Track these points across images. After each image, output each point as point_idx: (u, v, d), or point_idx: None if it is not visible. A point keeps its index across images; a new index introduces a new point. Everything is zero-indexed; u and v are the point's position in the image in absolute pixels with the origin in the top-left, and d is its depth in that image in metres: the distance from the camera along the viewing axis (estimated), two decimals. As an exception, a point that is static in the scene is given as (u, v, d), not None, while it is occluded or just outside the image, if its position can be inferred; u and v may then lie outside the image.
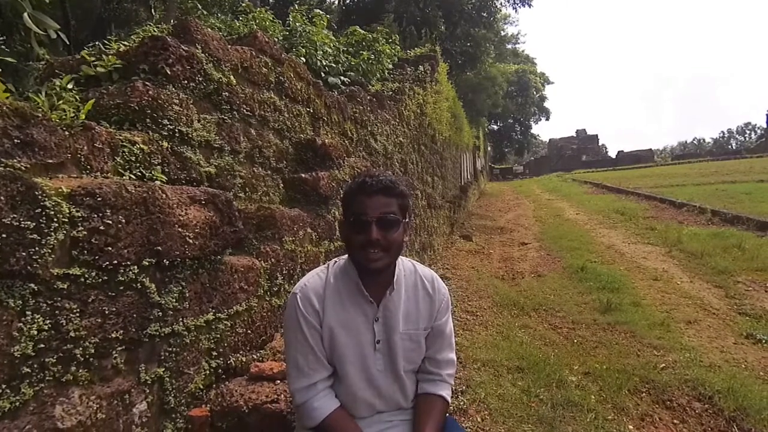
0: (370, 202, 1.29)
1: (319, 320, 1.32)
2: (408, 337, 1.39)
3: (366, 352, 1.35)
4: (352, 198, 1.33)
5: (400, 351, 1.38)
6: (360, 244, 1.28)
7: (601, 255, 7.15)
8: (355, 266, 1.35)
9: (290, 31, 6.60)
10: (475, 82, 20.64)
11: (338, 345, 1.33)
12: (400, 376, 1.40)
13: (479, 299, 5.21)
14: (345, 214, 1.37)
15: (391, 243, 1.30)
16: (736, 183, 13.88)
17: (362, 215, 1.28)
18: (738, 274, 5.63)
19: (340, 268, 1.40)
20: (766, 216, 8.18)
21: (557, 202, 14.92)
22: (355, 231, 1.30)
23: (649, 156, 41.93)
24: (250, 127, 2.93)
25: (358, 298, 1.36)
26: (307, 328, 1.31)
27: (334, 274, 1.38)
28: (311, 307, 1.32)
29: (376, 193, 1.30)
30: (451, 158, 13.49)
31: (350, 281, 1.36)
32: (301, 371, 1.31)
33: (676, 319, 4.43)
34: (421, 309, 1.42)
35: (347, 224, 1.33)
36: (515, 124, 39.02)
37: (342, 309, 1.35)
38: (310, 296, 1.34)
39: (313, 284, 1.36)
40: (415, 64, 10.13)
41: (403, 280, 1.42)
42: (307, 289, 1.35)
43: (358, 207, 1.30)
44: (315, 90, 4.06)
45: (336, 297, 1.35)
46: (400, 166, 6.76)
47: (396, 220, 1.31)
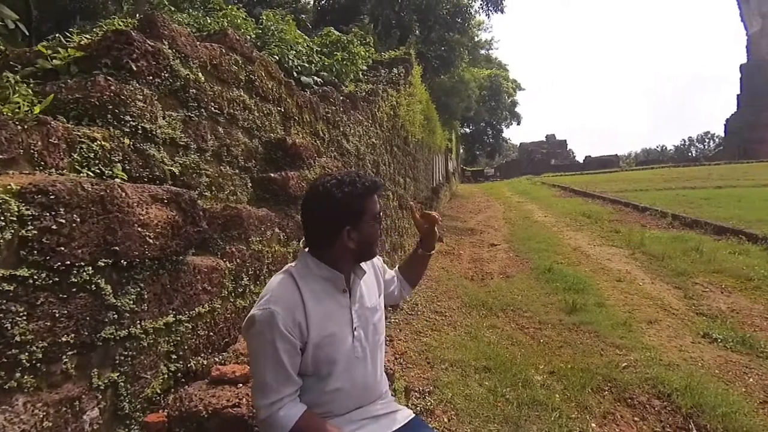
0: (377, 197, 1.42)
1: (303, 334, 1.28)
2: (374, 309, 1.48)
3: (347, 344, 1.36)
4: (366, 199, 1.37)
5: (371, 327, 1.44)
6: (377, 238, 1.42)
7: (567, 256, 7.30)
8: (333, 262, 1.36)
9: (263, 29, 6.52)
10: (448, 86, 20.80)
11: (326, 351, 1.31)
12: (374, 357, 1.44)
13: (448, 300, 5.25)
14: (361, 216, 1.36)
15: None
16: (695, 189, 14.41)
17: (380, 212, 1.42)
18: (696, 276, 5.84)
19: (304, 271, 1.37)
20: (723, 221, 8.51)
21: (526, 205, 15.18)
22: (375, 227, 1.40)
23: (615, 161, 43.20)
24: (218, 125, 2.87)
25: (332, 292, 1.37)
26: (282, 345, 1.24)
27: (300, 279, 1.34)
28: (293, 322, 1.26)
29: (378, 190, 1.42)
30: (423, 160, 13.57)
31: (320, 279, 1.36)
32: (269, 387, 1.26)
33: (638, 319, 4.56)
34: (374, 280, 1.56)
35: (373, 224, 1.39)
36: (487, 127, 39.52)
37: (323, 311, 1.32)
38: (291, 309, 1.27)
39: (288, 295, 1.30)
40: (390, 67, 10.17)
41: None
42: (285, 302, 1.27)
43: (376, 206, 1.40)
44: (287, 89, 4.02)
45: (314, 301, 1.32)
46: (372, 167, 6.76)
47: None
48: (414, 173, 11.49)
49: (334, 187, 1.35)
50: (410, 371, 3.40)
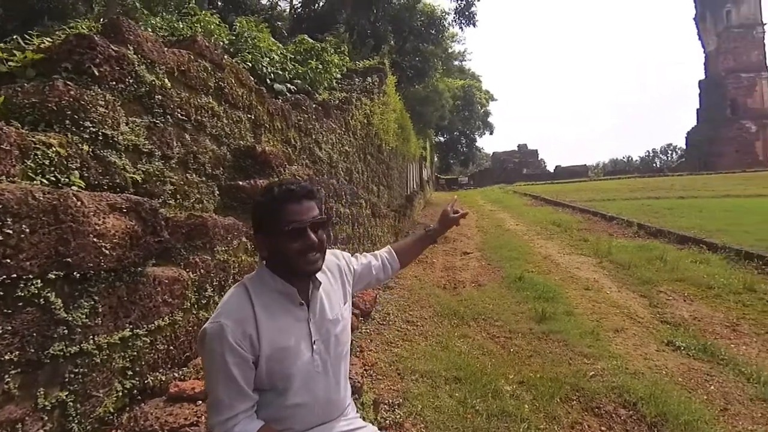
0: (301, 208, 1.30)
1: (254, 347, 1.24)
2: (335, 321, 1.42)
3: (305, 358, 1.32)
4: (281, 206, 1.30)
5: (332, 339, 1.39)
6: (298, 250, 1.28)
7: (538, 265, 7.40)
8: (283, 275, 1.32)
9: (237, 36, 6.46)
10: (423, 95, 21.00)
11: (281, 365, 1.27)
12: (337, 371, 1.41)
13: (420, 309, 5.24)
14: (273, 225, 1.30)
15: (323, 242, 1.34)
16: (659, 199, 14.85)
17: (298, 222, 1.28)
18: (660, 284, 5.99)
19: (259, 283, 1.33)
20: (685, 230, 8.79)
21: (499, 213, 15.36)
22: (292, 239, 1.28)
23: (584, 171, 44.29)
24: (185, 132, 2.81)
25: (288, 306, 1.33)
26: (233, 358, 1.20)
27: (254, 292, 1.31)
28: (243, 335, 1.22)
29: (302, 199, 1.31)
30: (397, 168, 13.62)
31: (275, 292, 1.32)
32: (222, 404, 1.22)
33: (605, 327, 4.64)
34: (336, 289, 1.49)
35: (279, 234, 1.28)
36: (461, 136, 39.99)
37: (277, 325, 1.29)
38: (241, 322, 1.23)
39: (239, 308, 1.26)
40: (364, 76, 10.20)
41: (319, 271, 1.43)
42: (235, 315, 1.24)
43: (291, 215, 1.28)
44: (258, 97, 3.98)
45: (267, 314, 1.28)
46: (345, 175, 6.74)
47: (324, 220, 1.35)
48: (388, 181, 11.52)
49: (262, 193, 1.34)
50: (380, 383, 3.37)
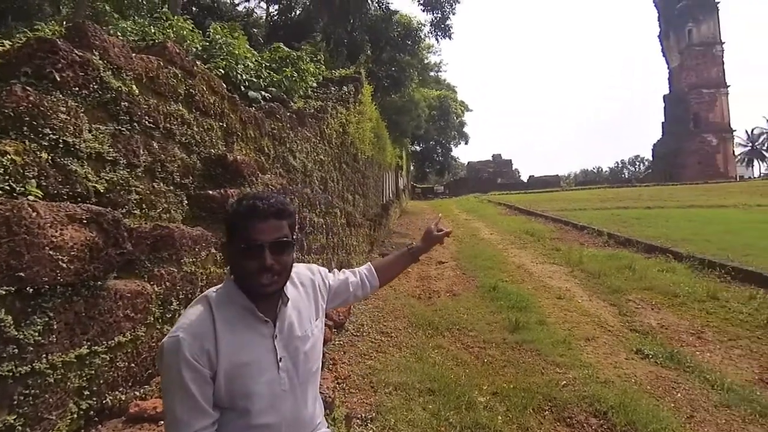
0: (263, 226, 1.24)
1: (212, 362, 1.19)
2: (305, 338, 1.37)
3: (270, 376, 1.27)
4: (242, 222, 1.25)
5: (301, 356, 1.34)
6: (252, 270, 1.22)
7: (511, 274, 7.48)
8: (245, 290, 1.27)
9: (210, 42, 6.37)
10: (399, 105, 21.12)
11: (241, 382, 1.22)
12: (305, 389, 1.36)
13: (395, 319, 5.22)
14: (233, 239, 1.26)
15: (285, 266, 1.27)
16: (628, 209, 15.26)
17: (254, 241, 1.22)
18: (629, 292, 6.13)
19: (223, 297, 1.28)
20: (652, 239, 9.04)
21: (474, 222, 15.50)
22: (246, 257, 1.23)
23: (556, 181, 45.29)
24: (153, 139, 2.73)
25: (252, 322, 1.27)
26: (189, 373, 1.15)
27: (217, 306, 1.25)
28: (200, 349, 1.17)
29: (269, 217, 1.25)
30: (373, 177, 13.62)
31: (239, 307, 1.26)
32: (180, 422, 1.16)
33: (577, 336, 4.70)
34: (307, 304, 1.43)
35: (237, 251, 1.24)
36: (437, 146, 40.32)
37: (238, 341, 1.23)
38: (199, 336, 1.18)
39: (199, 322, 1.21)
40: (340, 84, 10.19)
41: (290, 286, 1.38)
42: (193, 329, 1.19)
43: (250, 233, 1.23)
44: (230, 104, 3.91)
45: (228, 329, 1.23)
46: (319, 184, 6.68)
47: (289, 242, 1.29)
48: (364, 190, 11.49)
49: (233, 203, 1.30)
50: (353, 396, 3.32)
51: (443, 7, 17.75)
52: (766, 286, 5.81)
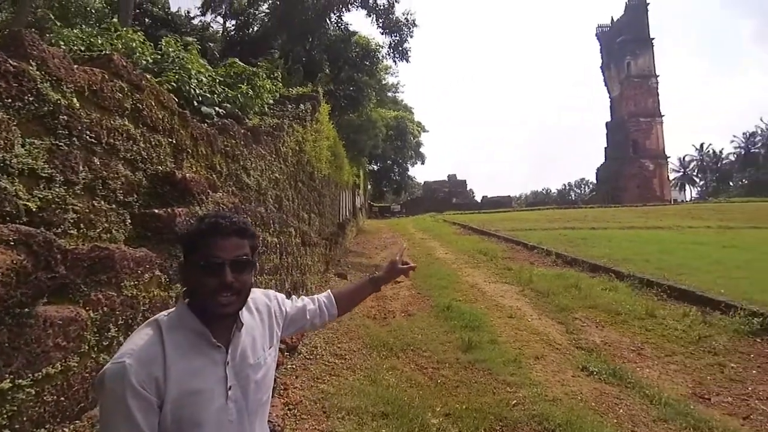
0: (224, 243, 1.21)
1: (159, 390, 1.11)
2: (257, 366, 1.32)
3: (219, 404, 1.20)
4: (201, 240, 1.21)
5: (252, 385, 1.29)
6: (212, 288, 1.18)
7: (465, 293, 7.58)
8: (200, 313, 1.21)
9: (162, 55, 6.20)
10: (357, 124, 21.26)
11: (190, 411, 1.15)
12: (253, 419, 1.30)
13: (349, 341, 5.15)
14: (191, 257, 1.22)
15: (244, 285, 1.24)
16: (575, 229, 15.88)
17: (215, 258, 1.19)
18: (576, 311, 6.34)
19: (174, 321, 1.22)
20: (596, 259, 9.45)
21: (429, 242, 15.67)
22: (206, 275, 1.19)
23: (508, 202, 46.74)
24: (94, 155, 2.60)
25: (204, 348, 1.21)
26: (136, 402, 1.07)
27: (168, 330, 1.19)
28: (148, 377, 1.09)
29: (230, 235, 1.22)
30: (330, 195, 13.55)
31: (190, 331, 1.20)
32: None
33: (527, 355, 4.80)
34: (261, 331, 1.39)
35: (196, 268, 1.20)
36: (394, 165, 40.78)
37: (188, 367, 1.16)
38: (147, 362, 1.11)
39: (147, 347, 1.14)
40: (297, 102, 10.15)
41: (245, 312, 1.34)
42: (140, 354, 1.11)
43: (211, 249, 1.20)
44: (180, 120, 3.79)
45: (178, 354, 1.16)
46: (274, 203, 6.57)
47: (249, 261, 1.26)
48: (320, 209, 11.40)
49: (193, 222, 1.26)
50: (304, 423, 3.23)
51: (401, 31, 18.12)
52: (698, 304, 6.17)
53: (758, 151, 65.47)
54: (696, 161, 73.51)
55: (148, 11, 13.97)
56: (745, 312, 5.45)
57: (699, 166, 73.48)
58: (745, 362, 4.54)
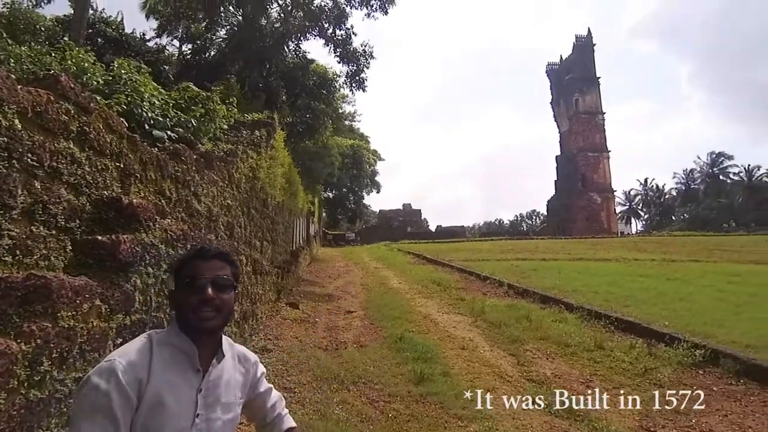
0: (207, 264, 1.35)
1: (140, 392, 1.18)
2: (228, 407, 1.38)
3: (183, 425, 1.24)
4: (187, 263, 1.36)
5: (219, 423, 1.33)
6: (194, 304, 1.29)
7: (418, 324, 7.59)
8: (187, 331, 1.31)
9: (114, 77, 6.05)
10: (313, 151, 21.31)
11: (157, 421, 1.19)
12: None
13: (299, 373, 5.03)
14: (177, 280, 1.36)
15: (224, 303, 1.34)
16: (526, 260, 16.33)
17: (197, 277, 1.32)
18: (527, 342, 6.45)
19: (165, 338, 1.31)
20: (547, 290, 9.71)
21: (383, 271, 15.68)
22: (189, 292, 1.31)
23: (462, 232, 47.68)
24: (35, 179, 2.49)
25: (185, 367, 1.29)
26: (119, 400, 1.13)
27: (158, 343, 1.28)
28: (134, 378, 1.17)
29: (212, 258, 1.37)
30: (283, 223, 13.39)
31: (178, 349, 1.30)
32: None
33: (479, 387, 4.82)
34: (239, 378, 1.46)
35: (181, 287, 1.33)
36: (349, 193, 40.97)
37: (167, 380, 1.23)
38: (135, 365, 1.19)
39: (137, 352, 1.23)
40: (252, 128, 10.08)
41: (229, 350, 1.45)
42: (130, 357, 1.20)
43: (194, 270, 1.33)
44: (129, 144, 3.70)
45: (162, 367, 1.24)
46: (225, 230, 6.44)
47: (230, 282, 1.38)
48: (273, 236, 11.23)
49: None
50: (248, 462, 3.11)
51: (359, 61, 18.50)
52: (644, 336, 6.36)
53: (698, 187, 70.01)
54: (641, 195, 77.81)
55: (101, 31, 13.62)
56: (687, 344, 5.63)
57: (644, 200, 77.67)
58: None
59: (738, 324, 6.55)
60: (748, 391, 4.68)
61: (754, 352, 5.26)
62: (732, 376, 4.99)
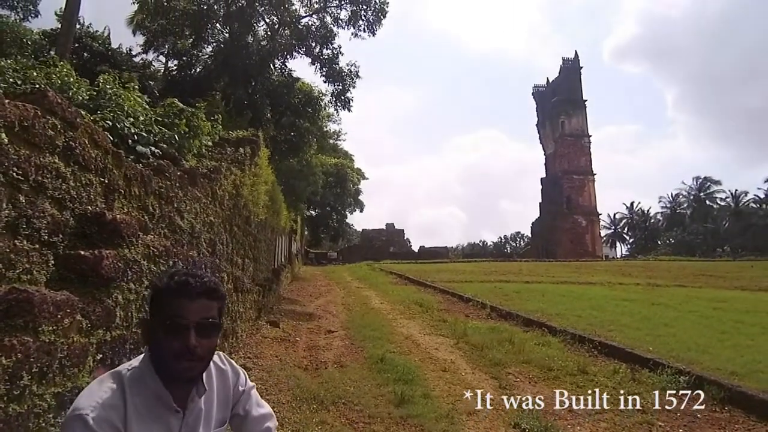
0: (192, 305, 1.18)
1: None
2: None
3: None
4: (169, 299, 1.19)
5: None
6: (175, 352, 1.16)
7: (399, 345, 7.58)
8: (160, 374, 1.19)
9: (99, 92, 6.07)
10: (296, 170, 21.34)
11: None
12: None
13: (278, 393, 4.99)
14: (156, 314, 1.21)
15: (209, 350, 1.22)
16: (509, 282, 16.45)
17: (180, 318, 1.17)
18: (509, 365, 6.43)
19: (136, 379, 1.19)
20: (530, 313, 9.76)
21: (365, 290, 15.64)
22: (170, 336, 1.16)
23: (445, 252, 47.75)
24: (20, 193, 2.49)
25: (163, 412, 1.19)
26: None
27: (130, 387, 1.16)
28: (111, 429, 1.07)
29: (198, 296, 1.20)
30: (265, 240, 13.33)
31: (149, 392, 1.18)
32: None
33: (460, 410, 4.79)
34: (219, 399, 1.36)
35: (160, 327, 1.18)
36: (332, 212, 40.94)
37: (145, 427, 1.14)
38: (108, 415, 1.08)
39: (108, 399, 1.11)
40: (237, 146, 10.11)
41: (205, 375, 1.30)
42: (102, 406, 1.09)
43: (176, 309, 1.17)
44: (114, 159, 3.71)
45: (137, 418, 1.13)
46: (207, 246, 6.41)
47: (216, 324, 1.24)
48: (255, 254, 11.16)
49: (162, 277, 1.24)
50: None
51: (344, 81, 18.71)
52: (627, 361, 6.33)
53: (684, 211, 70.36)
54: (626, 219, 77.93)
55: (88, 45, 13.60)
56: (672, 370, 5.58)
57: (629, 224, 77.76)
58: (672, 420, 4.65)
59: (723, 350, 6.58)
60: (732, 419, 4.66)
61: (738, 380, 5.25)
62: (716, 403, 4.94)
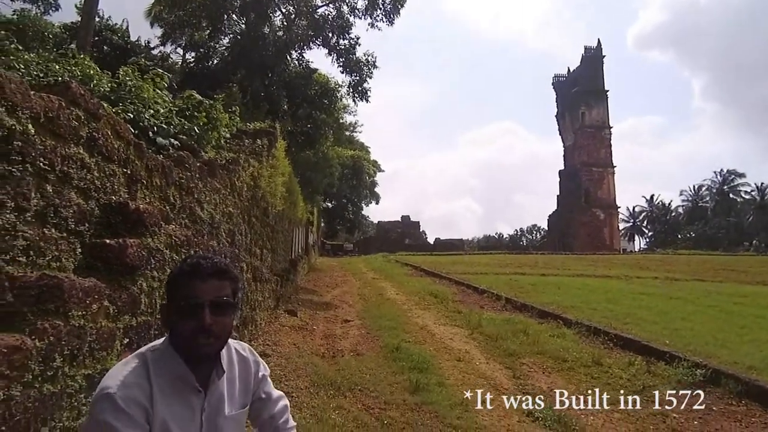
0: (204, 285, 1.24)
1: (148, 419, 1.15)
2: (232, 419, 1.36)
3: None
4: (182, 281, 1.26)
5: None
6: (191, 330, 1.21)
7: (415, 335, 7.63)
8: (181, 353, 1.25)
9: (119, 84, 6.17)
10: (313, 162, 21.43)
11: None
12: None
13: (297, 378, 5.08)
14: (172, 298, 1.27)
15: (224, 328, 1.27)
16: (525, 275, 16.36)
17: (194, 299, 1.22)
18: (523, 356, 6.46)
19: (160, 361, 1.25)
20: (545, 305, 9.73)
21: (381, 282, 15.72)
22: (185, 316, 1.22)
23: (461, 245, 47.62)
24: (47, 182, 2.57)
25: (185, 392, 1.25)
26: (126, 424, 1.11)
27: (154, 369, 1.22)
28: (137, 406, 1.13)
29: (210, 277, 1.26)
30: (283, 231, 13.46)
31: (171, 372, 1.24)
32: None
33: (473, 398, 4.84)
34: (241, 385, 1.42)
35: (175, 309, 1.24)
36: (348, 204, 41.06)
37: (170, 413, 1.20)
38: (135, 393, 1.14)
39: (133, 378, 1.18)
40: (254, 137, 10.19)
41: (226, 356, 1.38)
42: (128, 385, 1.15)
43: (190, 291, 1.23)
44: (136, 151, 3.79)
45: (162, 399, 1.19)
46: (227, 237, 6.51)
47: (230, 303, 1.29)
48: (272, 244, 11.29)
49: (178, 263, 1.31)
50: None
51: (362, 71, 18.59)
52: (643, 354, 6.30)
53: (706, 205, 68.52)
54: (646, 212, 76.36)
55: (107, 39, 13.83)
56: (688, 363, 5.54)
57: (648, 218, 76.24)
58: (687, 413, 4.62)
59: (741, 345, 6.51)
60: (749, 412, 4.63)
61: (756, 374, 5.22)
62: (733, 397, 4.92)
